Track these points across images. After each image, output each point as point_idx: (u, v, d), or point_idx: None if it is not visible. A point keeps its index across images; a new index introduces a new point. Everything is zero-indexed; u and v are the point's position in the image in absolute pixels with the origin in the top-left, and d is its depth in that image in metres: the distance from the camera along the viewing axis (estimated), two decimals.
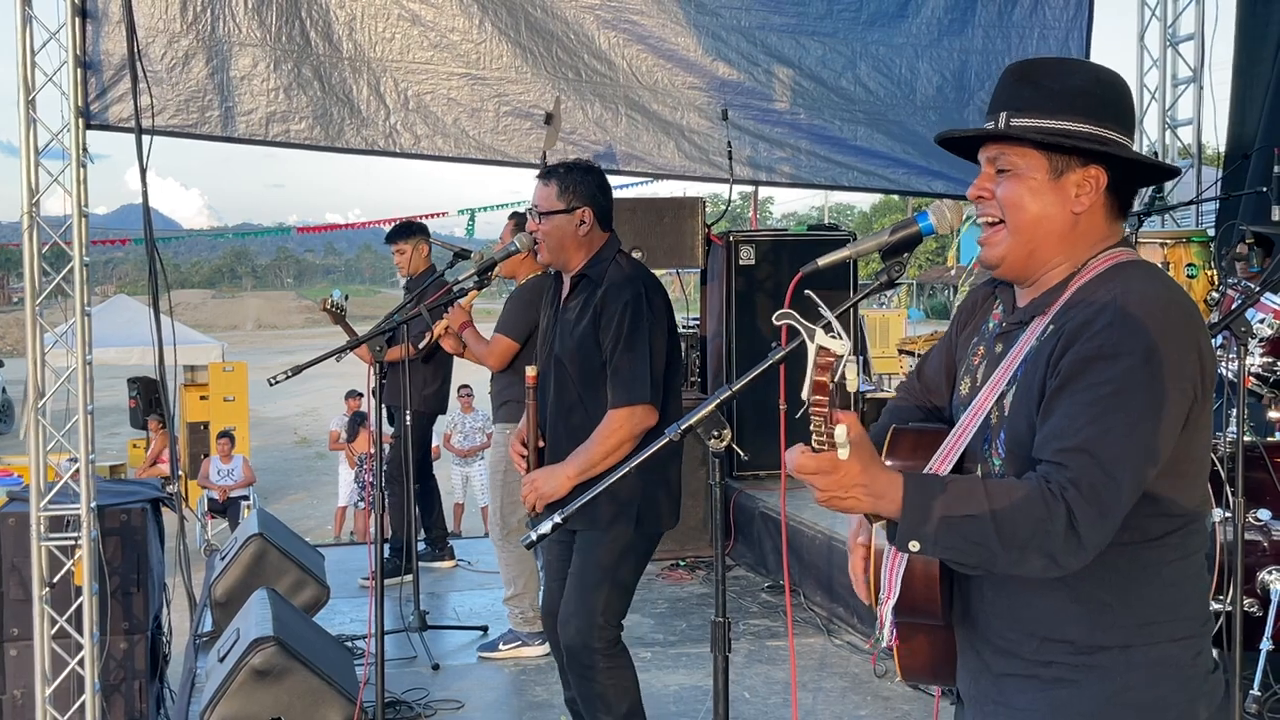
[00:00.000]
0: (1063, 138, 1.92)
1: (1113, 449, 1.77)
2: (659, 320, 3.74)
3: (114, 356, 15.84)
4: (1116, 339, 1.80)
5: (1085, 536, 1.76)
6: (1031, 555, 1.77)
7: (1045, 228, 1.95)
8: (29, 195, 5.23)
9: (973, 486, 1.79)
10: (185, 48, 5.90)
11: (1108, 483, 1.76)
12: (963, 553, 1.80)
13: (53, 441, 5.35)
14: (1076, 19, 7.66)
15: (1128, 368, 1.79)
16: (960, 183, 7.37)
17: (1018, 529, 1.76)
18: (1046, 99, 1.94)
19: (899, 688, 5.15)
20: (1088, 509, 1.75)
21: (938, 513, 1.77)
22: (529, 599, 5.60)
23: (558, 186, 3.77)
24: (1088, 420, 1.78)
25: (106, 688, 5.52)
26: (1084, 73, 1.99)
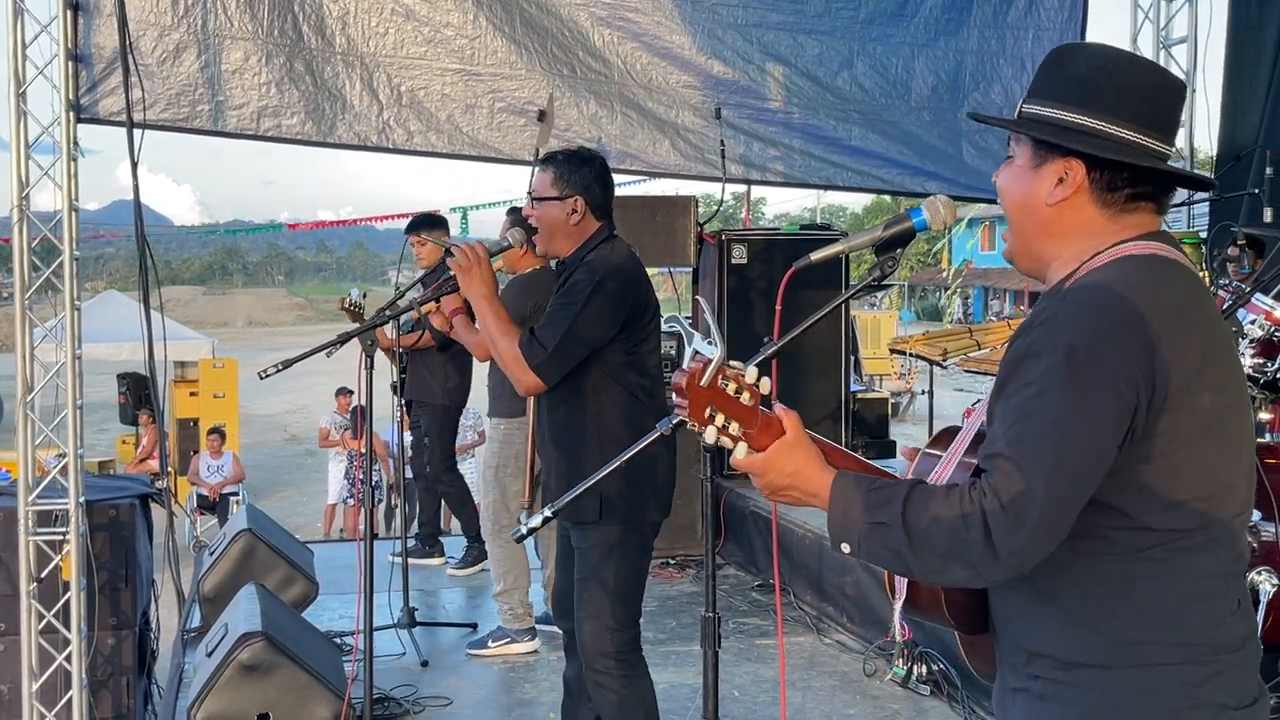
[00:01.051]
0: (1039, 126, 1.86)
1: (1028, 453, 1.68)
2: (600, 305, 3.63)
3: (104, 352, 15.79)
4: (1042, 336, 1.72)
5: (1000, 548, 1.67)
6: (952, 565, 1.72)
7: (1029, 219, 1.90)
8: (19, 189, 5.21)
9: (893, 494, 1.75)
10: (176, 41, 5.88)
11: (1024, 490, 1.67)
12: (884, 559, 1.77)
13: (41, 436, 5.34)
14: (1070, 21, 7.67)
15: (1047, 367, 1.70)
16: (954, 184, 7.37)
17: (933, 539, 1.71)
18: (1055, 85, 1.88)
19: (888, 687, 5.15)
20: (1002, 519, 1.67)
21: (857, 516, 1.75)
22: (518, 595, 5.59)
23: (554, 173, 3.76)
24: (1011, 423, 1.72)
25: (94, 683, 5.51)
26: (1091, 59, 1.90)
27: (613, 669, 3.68)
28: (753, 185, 8.06)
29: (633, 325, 3.73)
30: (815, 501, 1.81)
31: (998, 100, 7.55)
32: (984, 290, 49.58)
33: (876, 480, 1.80)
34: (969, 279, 45.97)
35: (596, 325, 3.62)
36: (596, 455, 3.65)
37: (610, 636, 3.67)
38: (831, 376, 7.99)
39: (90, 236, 30.10)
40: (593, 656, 3.68)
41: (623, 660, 3.70)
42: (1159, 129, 1.85)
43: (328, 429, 14.63)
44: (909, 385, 23.08)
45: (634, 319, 3.73)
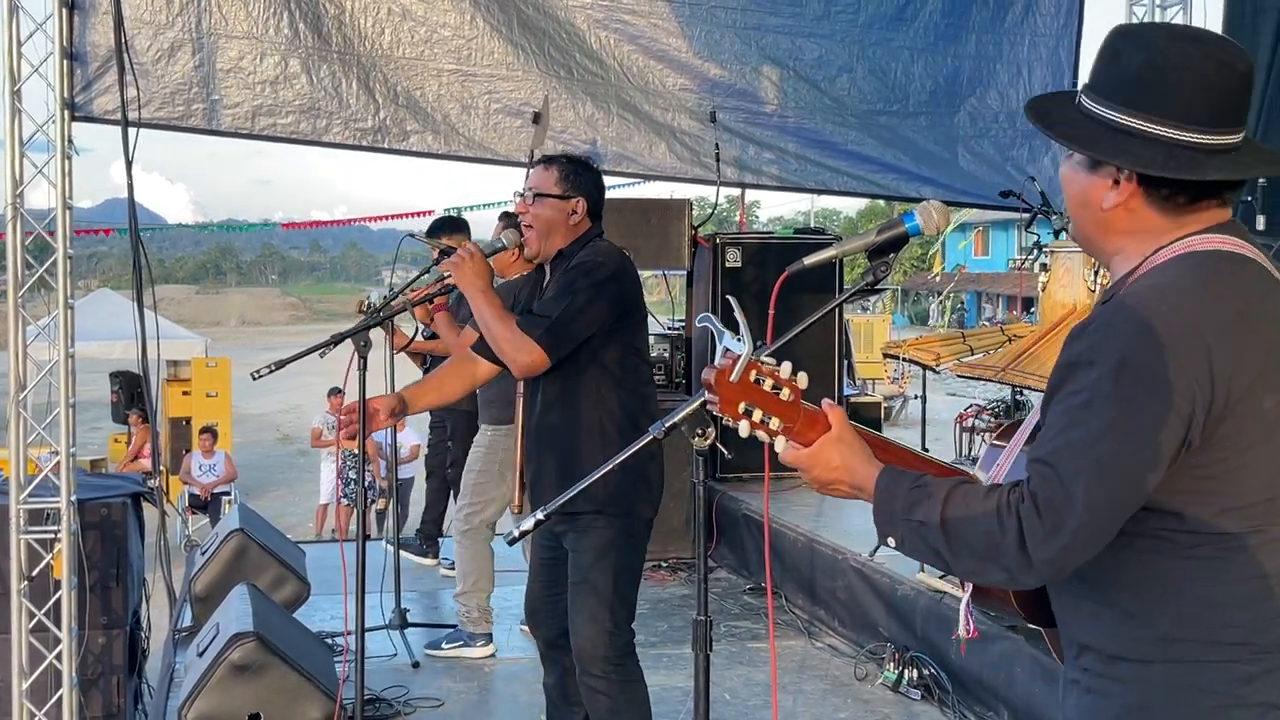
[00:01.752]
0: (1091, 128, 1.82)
1: (1071, 463, 1.67)
2: (605, 293, 3.64)
3: (96, 351, 15.75)
4: (1094, 344, 1.70)
5: (1034, 555, 1.68)
6: (989, 568, 1.74)
7: (1086, 215, 1.86)
8: (13, 186, 5.21)
9: (933, 492, 1.76)
10: (172, 40, 5.88)
11: (1062, 498, 1.66)
12: (926, 556, 1.80)
13: (34, 435, 5.33)
14: (1067, 27, 7.69)
15: (1098, 377, 1.67)
16: (949, 189, 7.38)
17: (969, 541, 1.73)
18: (1111, 81, 1.82)
19: (879, 690, 5.16)
20: (1038, 525, 1.67)
21: (899, 514, 1.78)
22: (477, 600, 5.56)
23: (559, 172, 3.76)
24: (1057, 430, 1.71)
25: (84, 682, 5.50)
26: (1145, 49, 1.81)
27: (610, 673, 3.65)
28: (748, 189, 8.08)
29: (629, 323, 3.74)
30: (863, 495, 1.83)
31: (993, 106, 7.56)
32: (977, 295, 49.63)
33: (921, 477, 1.81)
34: (961, 284, 46.03)
35: (600, 308, 3.61)
36: (592, 456, 3.62)
37: (608, 640, 3.65)
38: (825, 380, 7.99)
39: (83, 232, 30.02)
40: (589, 661, 3.65)
41: (619, 664, 3.67)
42: (1217, 123, 1.77)
43: (320, 429, 14.61)
44: (902, 389, 23.10)
45: (631, 316, 3.75)
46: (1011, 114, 7.61)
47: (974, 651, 4.79)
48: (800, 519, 6.71)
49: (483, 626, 5.59)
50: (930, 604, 5.20)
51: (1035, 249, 6.38)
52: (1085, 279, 5.57)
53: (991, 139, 7.57)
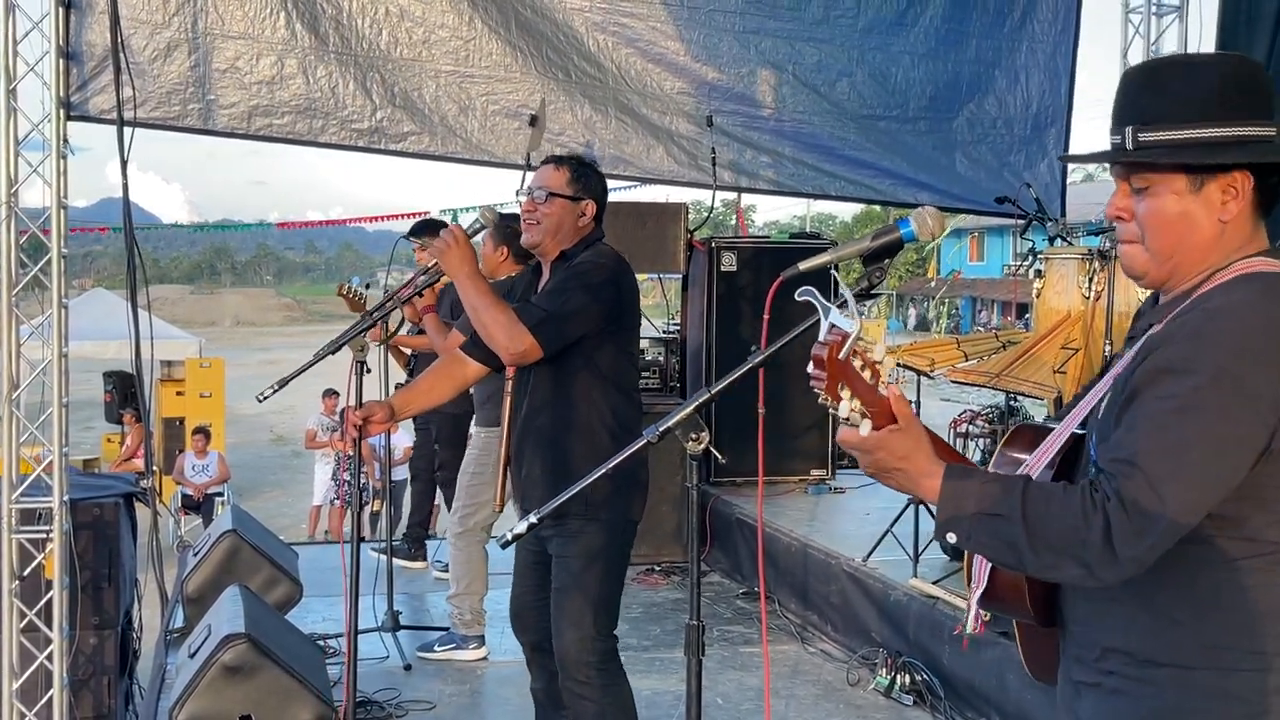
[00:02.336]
0: (1199, 150, 1.82)
1: (1162, 466, 1.71)
2: (603, 295, 3.63)
3: (90, 350, 15.73)
4: (1189, 354, 1.73)
5: (1120, 552, 1.71)
6: (1066, 563, 1.75)
7: (1190, 241, 1.86)
8: (8, 185, 5.19)
9: (1010, 486, 1.78)
10: (168, 39, 5.87)
11: (1151, 500, 1.70)
12: (995, 550, 1.80)
13: (27, 434, 5.31)
14: (1064, 34, 7.70)
15: (1194, 386, 1.71)
16: (946, 194, 7.39)
17: (1050, 535, 1.74)
18: (1173, 106, 1.83)
19: (871, 696, 5.16)
20: (1126, 525, 1.71)
21: (971, 507, 1.78)
22: (470, 602, 5.56)
23: (570, 173, 3.75)
24: (1145, 433, 1.74)
25: (75, 683, 5.48)
26: (1210, 71, 1.87)
27: (594, 678, 3.65)
28: (745, 193, 8.08)
29: (623, 327, 3.73)
30: (922, 487, 1.83)
31: (991, 112, 7.57)
32: (971, 301, 49.67)
33: (989, 473, 1.84)
34: (956, 289, 46.06)
35: (595, 309, 3.61)
36: (583, 459, 3.62)
37: (592, 645, 3.65)
38: None
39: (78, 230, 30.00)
40: (574, 666, 3.65)
41: (603, 669, 3.67)
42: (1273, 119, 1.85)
43: (314, 430, 14.59)
44: None
45: (626, 320, 3.75)
46: (1010, 120, 7.61)
47: (966, 657, 4.79)
48: (794, 524, 6.71)
49: (475, 629, 5.59)
50: (923, 610, 5.20)
51: (1030, 255, 6.38)
52: (1080, 285, 5.57)
53: (989, 144, 7.57)
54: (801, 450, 7.95)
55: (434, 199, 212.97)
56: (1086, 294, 5.51)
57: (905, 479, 1.84)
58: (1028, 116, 7.65)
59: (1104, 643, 1.89)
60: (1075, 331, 5.53)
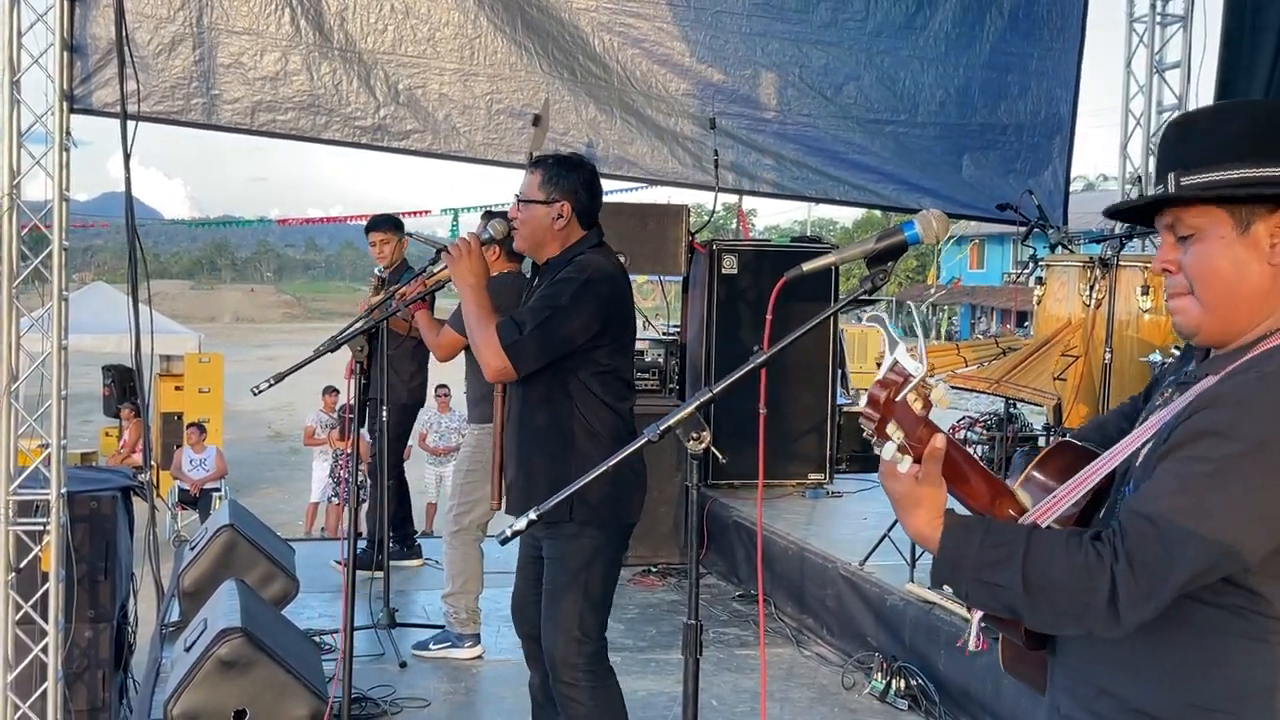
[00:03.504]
0: (1236, 187, 1.76)
1: (1180, 528, 1.67)
2: (584, 305, 3.59)
3: (89, 344, 15.72)
4: (1235, 420, 1.67)
5: (1124, 614, 1.69)
6: (1069, 622, 1.75)
7: (1242, 290, 1.79)
8: (10, 177, 5.19)
9: (1011, 552, 1.73)
10: (173, 34, 5.87)
11: (1162, 561, 1.67)
12: (994, 610, 1.80)
13: (25, 426, 5.31)
14: (1070, 42, 7.71)
15: (1233, 453, 1.66)
16: (950, 200, 7.38)
17: (1053, 599, 1.72)
18: (1214, 149, 1.79)
19: (866, 700, 5.15)
20: (1133, 587, 1.67)
21: (969, 572, 1.75)
22: (465, 600, 5.55)
23: (542, 176, 3.71)
24: (1170, 492, 1.69)
25: (69, 676, 5.48)
26: (1242, 113, 1.87)
27: (581, 680, 3.65)
28: (749, 196, 8.08)
29: (614, 334, 3.70)
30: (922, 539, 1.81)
31: (1002, 118, 7.57)
32: (970, 308, 49.69)
33: (989, 530, 1.78)
34: (956, 296, 46.07)
35: (576, 324, 3.57)
36: (578, 461, 3.62)
37: (578, 648, 3.65)
38: (819, 389, 8.00)
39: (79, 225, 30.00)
40: (562, 669, 3.65)
41: (591, 671, 3.67)
42: None
43: (313, 427, 14.58)
44: None
45: (615, 327, 3.71)
46: (1019, 126, 7.61)
47: (961, 662, 4.79)
48: (791, 527, 6.72)
49: (470, 627, 5.58)
50: (919, 614, 5.20)
51: (1031, 262, 6.38)
52: (1081, 293, 5.57)
53: (998, 151, 7.57)
54: (799, 454, 7.96)
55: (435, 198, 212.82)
56: (1087, 301, 5.51)
57: (910, 522, 1.81)
58: (1036, 123, 7.65)
59: (1099, 683, 1.87)
60: (1075, 339, 5.53)
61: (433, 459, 14.02)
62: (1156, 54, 8.07)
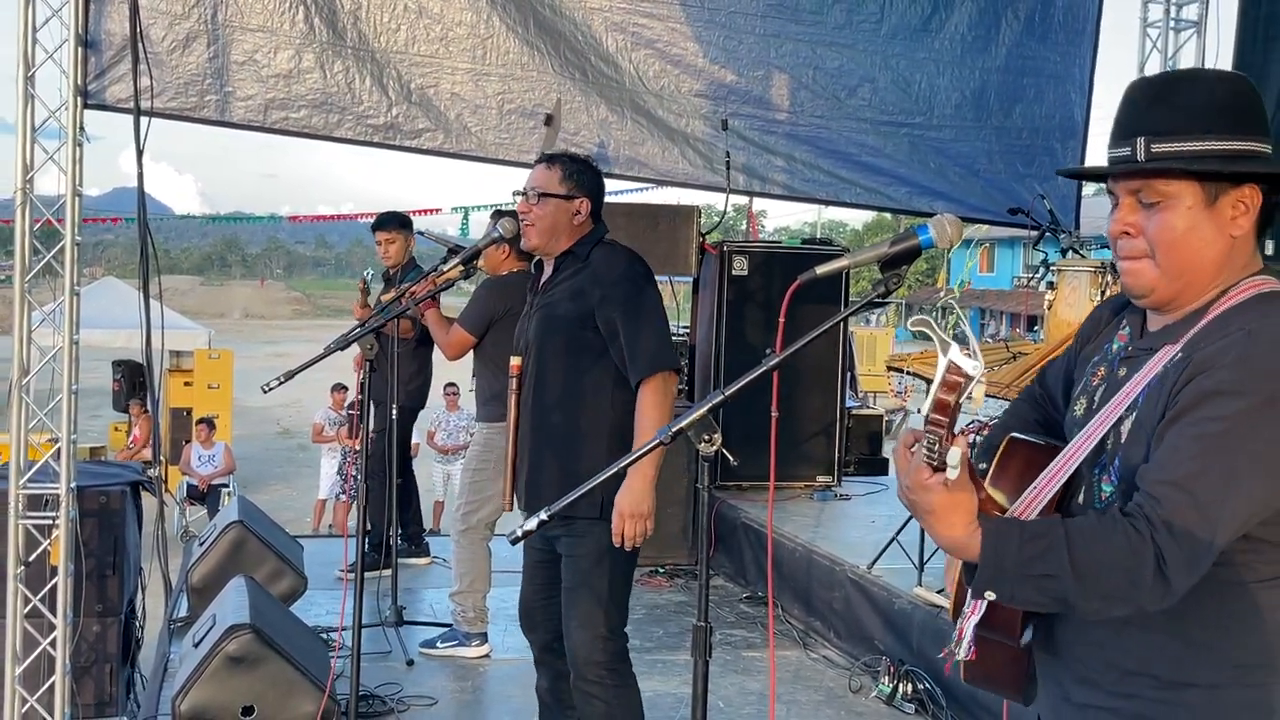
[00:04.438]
0: (1217, 161, 1.80)
1: (1211, 491, 1.69)
2: (655, 290, 3.72)
3: (99, 338, 15.75)
4: (1239, 377, 1.70)
5: (1173, 581, 1.69)
6: (1115, 603, 1.74)
7: (1202, 258, 1.83)
8: (24, 172, 5.20)
9: (1053, 541, 1.72)
10: (187, 30, 5.89)
11: (1201, 525, 1.68)
12: (1041, 605, 1.77)
13: (35, 420, 5.33)
14: (1085, 47, 7.69)
15: (1245, 408, 1.69)
16: (962, 203, 7.37)
17: (1102, 582, 1.71)
18: (1187, 119, 1.82)
19: (873, 704, 5.15)
20: (1178, 553, 1.68)
21: (1013, 569, 1.73)
22: (473, 599, 5.55)
23: (562, 171, 3.73)
24: (1191, 456, 1.70)
25: (77, 670, 5.49)
26: (1220, 85, 1.88)
27: (604, 678, 3.64)
28: (760, 198, 8.07)
29: None
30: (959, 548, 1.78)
31: (1017, 122, 7.55)
32: (979, 311, 49.62)
33: (1025, 526, 1.77)
34: (965, 300, 46.02)
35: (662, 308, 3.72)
36: (596, 458, 3.61)
37: (603, 645, 3.64)
38: (828, 391, 7.99)
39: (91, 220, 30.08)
40: (585, 666, 3.64)
41: (614, 669, 3.66)
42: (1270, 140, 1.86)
43: (322, 424, 14.60)
44: (904, 403, 23.08)
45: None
46: (1034, 130, 7.59)
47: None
48: (799, 529, 6.71)
49: (478, 626, 5.59)
50: (926, 618, 5.19)
51: (1042, 267, 6.37)
52: (1092, 298, 5.56)
53: (1014, 154, 7.55)
54: (808, 456, 7.95)
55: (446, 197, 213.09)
56: None
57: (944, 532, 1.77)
58: (1050, 127, 7.63)
59: (1124, 666, 1.86)
60: None
61: (440, 457, 14.04)
62: (1170, 60, 8.05)
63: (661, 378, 3.59)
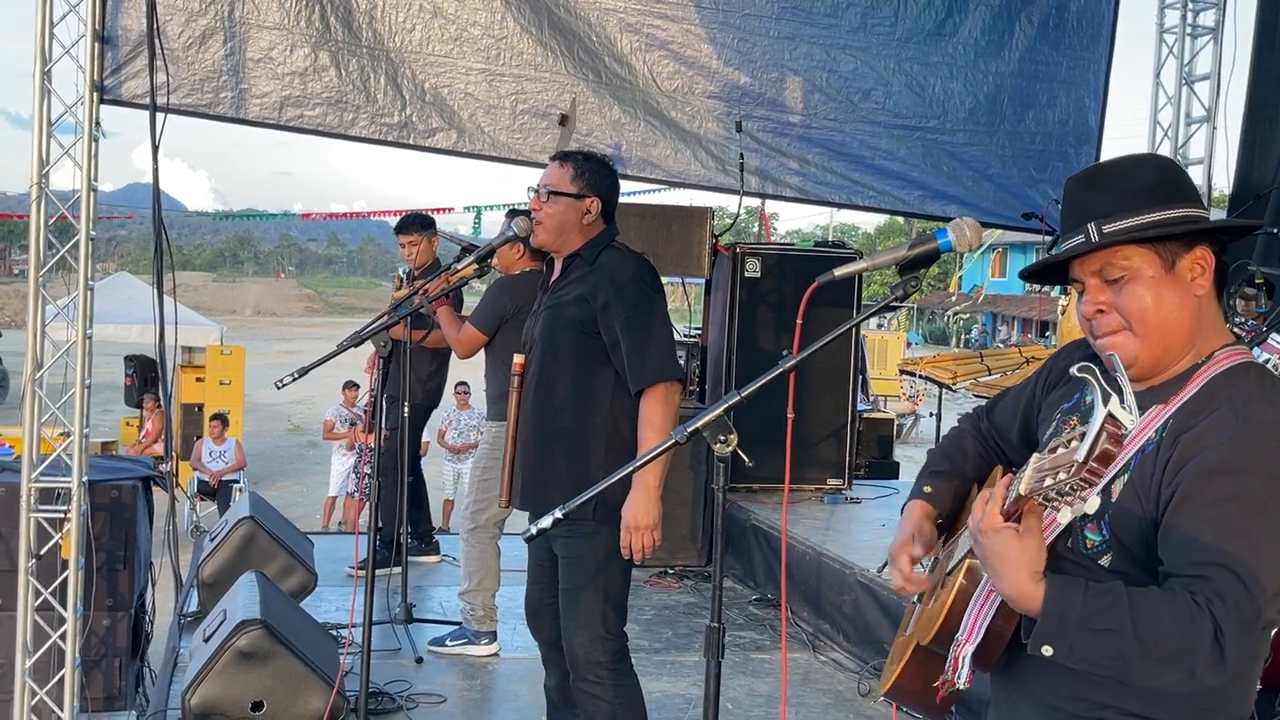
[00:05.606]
0: (1165, 227, 1.91)
1: (1251, 566, 1.76)
2: (662, 299, 3.71)
3: (112, 334, 15.81)
4: (1236, 456, 1.79)
5: (1228, 651, 1.74)
6: (1170, 670, 1.76)
7: (1175, 322, 1.94)
8: (39, 166, 5.22)
9: (1116, 599, 1.77)
10: (203, 27, 5.90)
11: (1249, 598, 1.75)
12: (1098, 665, 1.79)
13: (48, 414, 5.34)
14: (1101, 52, 7.67)
15: (1254, 485, 1.78)
16: (975, 208, 7.35)
17: (1161, 644, 1.74)
18: (1128, 199, 1.94)
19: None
20: (1232, 623, 1.74)
21: (1076, 622, 1.76)
22: (483, 598, 5.56)
23: (573, 170, 3.72)
24: (1216, 536, 1.77)
25: (86, 663, 5.51)
26: (1146, 166, 2.02)
27: (605, 678, 3.64)
28: (772, 200, 8.06)
29: None
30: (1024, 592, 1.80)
31: (1030, 126, 7.53)
32: (992, 316, 49.55)
33: (1090, 584, 1.81)
34: (979, 305, 45.97)
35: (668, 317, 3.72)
36: (594, 460, 3.62)
37: (603, 645, 3.64)
38: (839, 394, 7.98)
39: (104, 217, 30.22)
40: (585, 667, 3.64)
41: (615, 669, 3.66)
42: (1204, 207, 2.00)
43: (333, 422, 14.63)
44: (915, 407, 23.07)
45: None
46: (1048, 134, 7.58)
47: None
48: (808, 532, 6.70)
49: (487, 625, 5.59)
50: None
51: None
52: None
53: (1027, 159, 7.54)
54: (818, 459, 7.94)
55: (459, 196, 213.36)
56: None
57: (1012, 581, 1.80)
58: (1064, 132, 7.61)
59: (1092, 696, 1.93)
60: None
61: (450, 456, 14.06)
62: (1186, 66, 8.03)
63: (665, 388, 3.58)
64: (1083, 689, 1.93)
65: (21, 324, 5.43)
